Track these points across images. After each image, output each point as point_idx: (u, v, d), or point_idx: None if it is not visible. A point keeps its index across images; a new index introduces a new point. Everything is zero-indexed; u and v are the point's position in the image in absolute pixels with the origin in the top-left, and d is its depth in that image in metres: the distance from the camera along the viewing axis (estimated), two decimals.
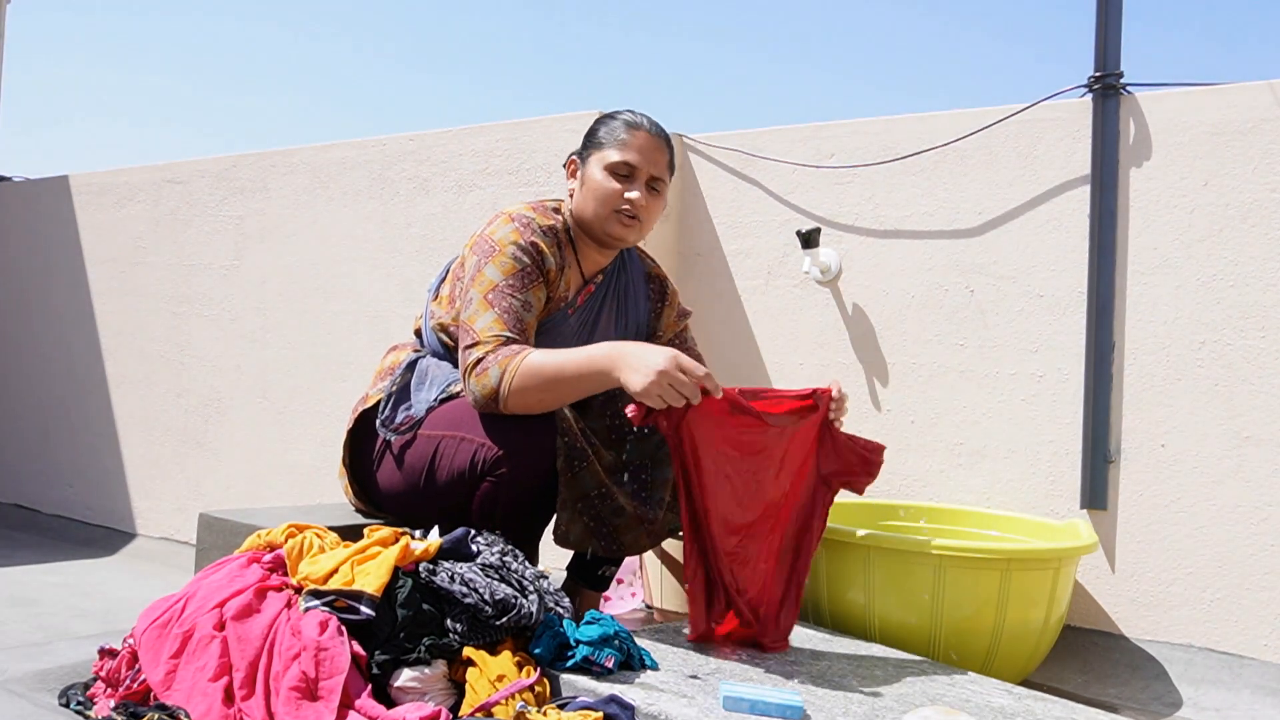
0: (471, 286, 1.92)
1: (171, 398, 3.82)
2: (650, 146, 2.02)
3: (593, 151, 2.03)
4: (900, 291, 2.72)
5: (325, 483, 3.34)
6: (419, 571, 1.65)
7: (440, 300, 2.09)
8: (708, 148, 3.04)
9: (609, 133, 2.02)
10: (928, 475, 2.66)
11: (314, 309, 3.43)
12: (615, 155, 2.00)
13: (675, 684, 1.58)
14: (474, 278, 1.93)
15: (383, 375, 2.11)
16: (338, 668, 1.52)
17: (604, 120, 2.06)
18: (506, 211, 2.02)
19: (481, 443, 1.85)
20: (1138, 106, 2.46)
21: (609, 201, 1.99)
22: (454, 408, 1.94)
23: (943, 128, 2.66)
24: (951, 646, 2.03)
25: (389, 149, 3.28)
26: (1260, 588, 2.27)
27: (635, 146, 2.00)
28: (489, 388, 1.82)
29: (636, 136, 2.01)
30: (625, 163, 1.99)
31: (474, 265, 1.95)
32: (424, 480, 1.92)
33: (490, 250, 1.94)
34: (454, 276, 2.08)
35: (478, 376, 1.83)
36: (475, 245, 1.99)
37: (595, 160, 2.02)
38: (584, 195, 2.03)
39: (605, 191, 1.99)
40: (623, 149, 2.00)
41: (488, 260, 1.93)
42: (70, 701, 1.73)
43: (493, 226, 1.99)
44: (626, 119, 2.03)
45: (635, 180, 2.00)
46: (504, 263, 1.92)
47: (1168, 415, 2.39)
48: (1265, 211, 2.31)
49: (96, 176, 4.14)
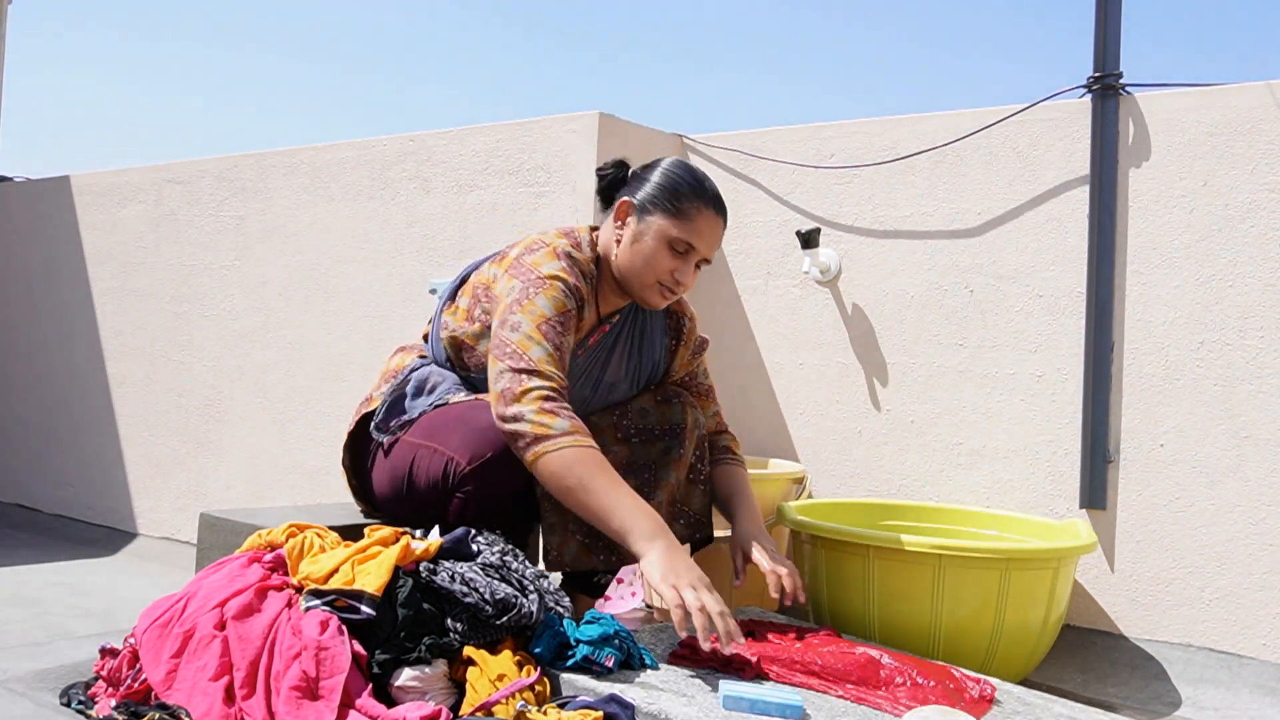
0: (518, 311, 1.82)
1: (172, 398, 3.82)
2: (713, 229, 1.92)
3: (655, 213, 1.90)
4: (900, 291, 2.72)
5: (326, 482, 3.35)
6: (419, 571, 1.66)
7: (455, 311, 2.01)
8: (708, 148, 3.04)
9: (674, 199, 1.89)
10: (927, 475, 2.66)
11: (315, 309, 3.43)
12: (678, 232, 1.88)
13: (675, 683, 1.58)
14: (520, 304, 1.82)
15: (387, 377, 2.09)
16: (338, 667, 1.53)
17: (672, 176, 1.92)
18: (549, 243, 1.92)
19: (451, 456, 1.82)
20: (1137, 107, 2.46)
21: (657, 273, 1.91)
22: (435, 416, 1.91)
23: (942, 128, 2.67)
24: (951, 646, 2.03)
25: (389, 149, 3.28)
26: (1259, 587, 2.28)
27: (700, 228, 1.90)
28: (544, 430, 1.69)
29: (703, 215, 1.90)
30: (687, 242, 1.89)
31: (518, 291, 1.84)
32: (406, 487, 1.92)
33: (539, 282, 1.84)
34: (474, 290, 1.99)
35: (541, 413, 1.71)
36: (514, 268, 1.89)
37: (656, 225, 1.89)
38: (631, 252, 1.92)
39: (657, 263, 1.90)
40: (688, 227, 1.89)
41: (538, 291, 1.83)
42: (71, 701, 1.73)
43: (536, 256, 1.89)
44: (696, 187, 1.91)
45: (689, 259, 1.92)
46: (555, 299, 1.83)
47: (1167, 415, 2.39)
48: (1264, 211, 2.31)
49: (98, 177, 4.15)
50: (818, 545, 2.18)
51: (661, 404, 2.03)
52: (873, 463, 2.74)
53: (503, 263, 1.95)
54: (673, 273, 1.91)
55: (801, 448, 2.85)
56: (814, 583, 2.21)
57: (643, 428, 2.01)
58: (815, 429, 2.83)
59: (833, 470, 2.79)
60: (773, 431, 2.89)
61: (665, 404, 2.03)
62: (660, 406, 2.03)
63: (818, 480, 2.80)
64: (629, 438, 2.00)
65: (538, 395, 1.72)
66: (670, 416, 2.01)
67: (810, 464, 2.81)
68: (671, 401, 2.03)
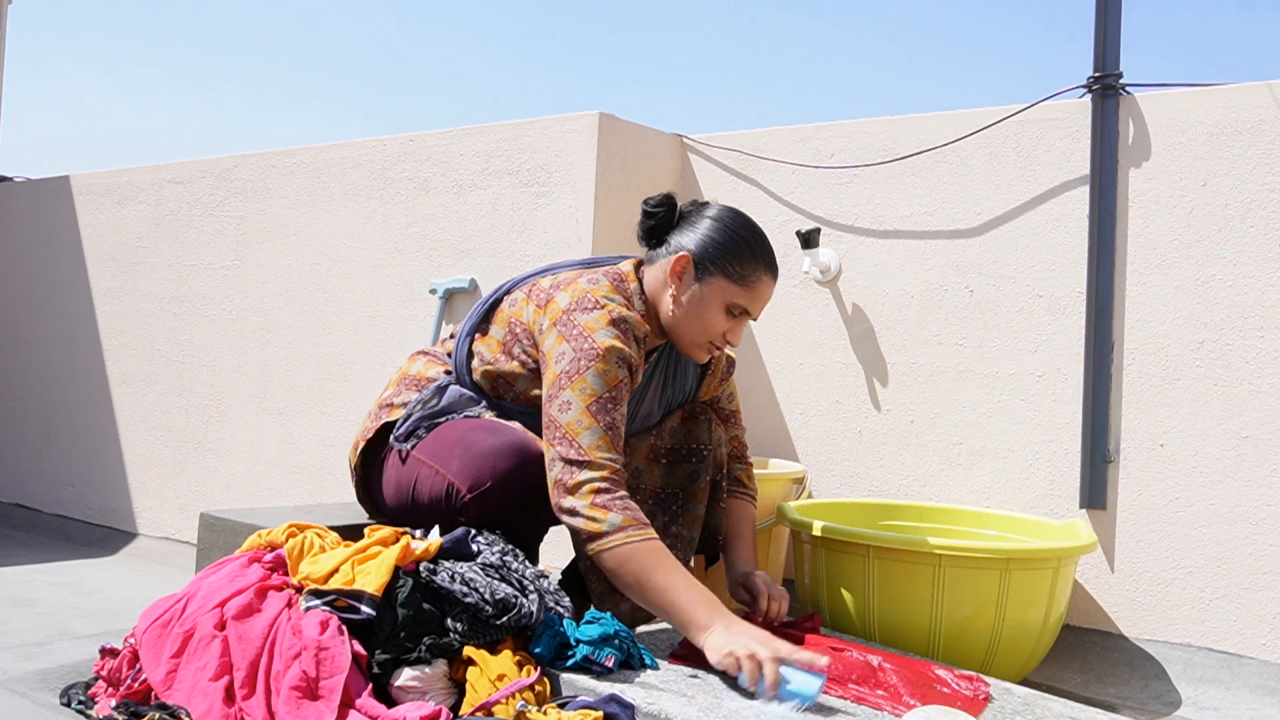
0: (569, 388, 1.78)
1: (173, 398, 3.82)
2: (768, 293, 1.93)
3: (715, 274, 1.87)
4: (900, 291, 2.72)
5: (326, 482, 3.35)
6: (419, 571, 1.66)
7: (489, 341, 1.97)
8: (708, 148, 3.04)
9: (737, 262, 1.87)
10: (927, 475, 2.67)
11: (315, 309, 3.43)
12: (740, 298, 1.88)
13: (675, 683, 1.58)
14: (571, 378, 1.78)
15: (409, 383, 2.04)
16: (338, 667, 1.53)
17: (733, 234, 1.89)
18: (603, 303, 1.84)
19: (452, 482, 1.82)
20: (1137, 107, 2.46)
21: (709, 333, 1.91)
22: (441, 433, 1.90)
23: (942, 128, 2.67)
24: (951, 646, 2.03)
25: (389, 149, 3.28)
26: (1259, 587, 2.28)
27: (760, 292, 1.91)
28: (596, 527, 1.69)
29: (763, 281, 1.90)
30: (744, 306, 1.89)
31: (568, 361, 1.80)
32: (410, 499, 1.92)
33: (592, 353, 1.79)
34: (510, 325, 1.95)
35: (593, 508, 1.70)
36: (565, 327, 1.84)
37: (715, 287, 1.87)
38: (685, 309, 1.90)
39: (712, 325, 1.90)
40: (749, 293, 1.89)
41: (589, 365, 1.78)
42: (71, 701, 1.73)
43: (590, 319, 1.82)
44: (756, 249, 1.90)
45: (739, 322, 1.92)
46: (608, 372, 1.79)
47: (1167, 415, 2.39)
48: (1264, 211, 2.31)
49: (98, 177, 4.15)
50: (818, 545, 2.18)
51: (688, 420, 2.07)
52: (873, 463, 2.74)
53: (548, 310, 1.89)
54: (725, 334, 1.92)
55: (801, 448, 2.85)
56: (814, 583, 2.21)
57: (671, 448, 2.05)
58: (815, 429, 2.83)
59: (833, 470, 2.79)
60: (773, 431, 2.89)
61: (691, 420, 2.07)
62: (686, 424, 2.07)
63: (818, 480, 2.80)
64: (659, 458, 2.04)
65: (589, 489, 1.72)
66: (696, 434, 2.05)
67: (810, 464, 2.81)
68: (698, 418, 2.07)
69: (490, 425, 1.89)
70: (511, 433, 1.85)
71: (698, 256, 1.88)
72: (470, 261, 3.06)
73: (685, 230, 1.92)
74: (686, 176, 3.07)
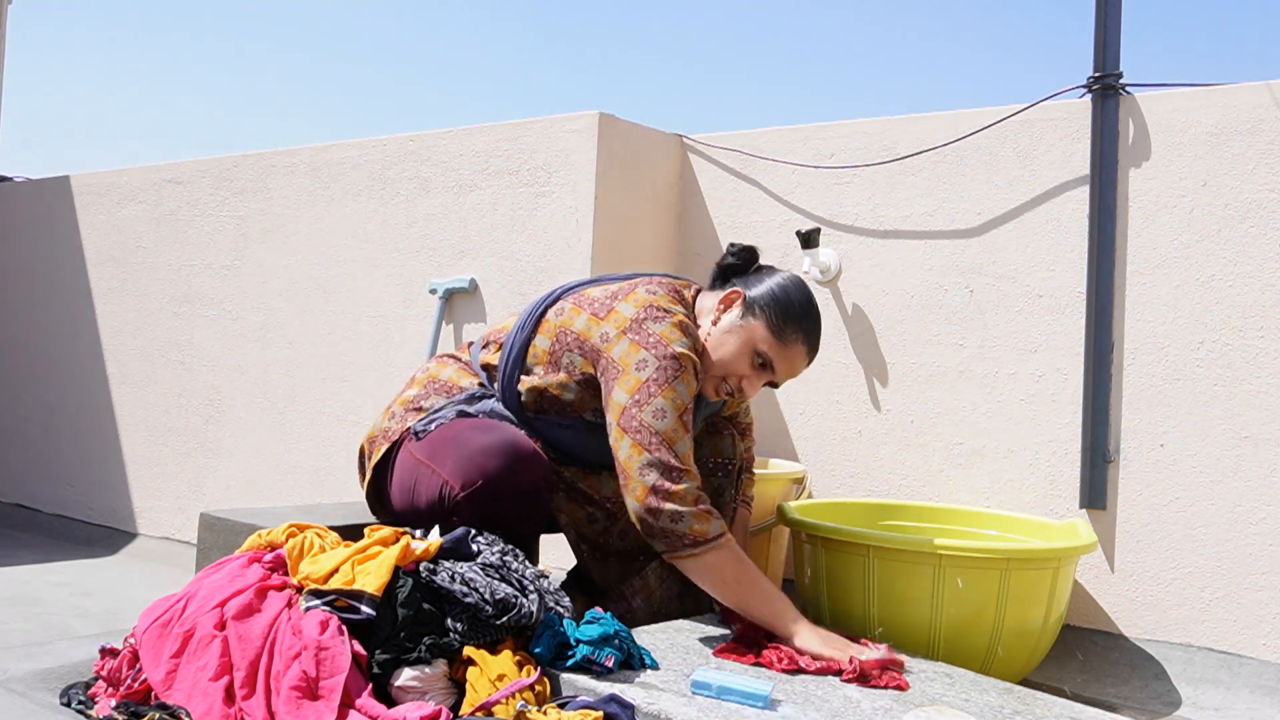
0: (660, 395, 1.82)
1: (172, 398, 3.82)
2: (798, 362, 1.97)
3: (758, 317, 1.93)
4: (900, 291, 2.72)
5: (326, 482, 3.35)
6: (419, 571, 1.66)
7: (535, 354, 1.98)
8: (708, 148, 3.04)
9: (782, 315, 1.93)
10: (927, 475, 2.66)
11: (315, 309, 3.43)
12: (770, 349, 1.92)
13: (675, 683, 1.58)
14: (662, 386, 1.83)
15: (439, 388, 2.03)
16: (338, 667, 1.53)
17: (789, 293, 1.95)
18: (671, 313, 1.91)
19: (445, 480, 1.83)
20: (1137, 107, 2.46)
21: (728, 372, 1.94)
22: (439, 434, 1.90)
23: (942, 128, 2.67)
24: (951, 646, 2.03)
25: (389, 149, 3.28)
26: (1259, 587, 2.28)
27: (789, 353, 1.94)
28: (703, 534, 1.78)
29: (798, 346, 1.94)
30: (770, 359, 1.93)
31: (653, 369, 1.84)
32: (412, 502, 1.92)
33: (673, 363, 1.84)
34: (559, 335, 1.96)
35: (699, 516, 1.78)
36: (637, 334, 1.87)
37: (751, 328, 1.93)
38: (718, 340, 1.94)
39: (734, 364, 1.93)
40: (780, 348, 1.93)
41: (678, 375, 1.84)
42: (71, 701, 1.73)
43: (662, 328, 1.88)
44: (805, 316, 1.95)
45: (763, 375, 1.95)
46: (690, 384, 1.86)
47: (1167, 415, 2.39)
48: (1264, 212, 2.31)
49: (97, 177, 4.15)
50: (818, 545, 2.18)
51: (712, 435, 2.13)
52: (873, 463, 2.74)
53: (610, 319, 1.91)
54: (741, 380, 1.95)
55: (801, 448, 2.85)
56: (814, 583, 2.21)
57: (699, 461, 2.07)
58: (815, 429, 2.83)
59: (833, 470, 2.79)
60: (773, 431, 2.89)
61: (715, 435, 2.13)
62: (710, 438, 2.12)
63: (818, 480, 2.80)
64: None
65: (694, 497, 1.80)
66: (721, 449, 2.12)
67: (810, 464, 2.81)
68: (722, 434, 2.13)
69: (484, 424, 1.89)
70: (504, 430, 1.86)
71: (750, 297, 1.95)
72: (470, 261, 3.06)
73: (752, 278, 2.00)
74: (686, 176, 3.07)
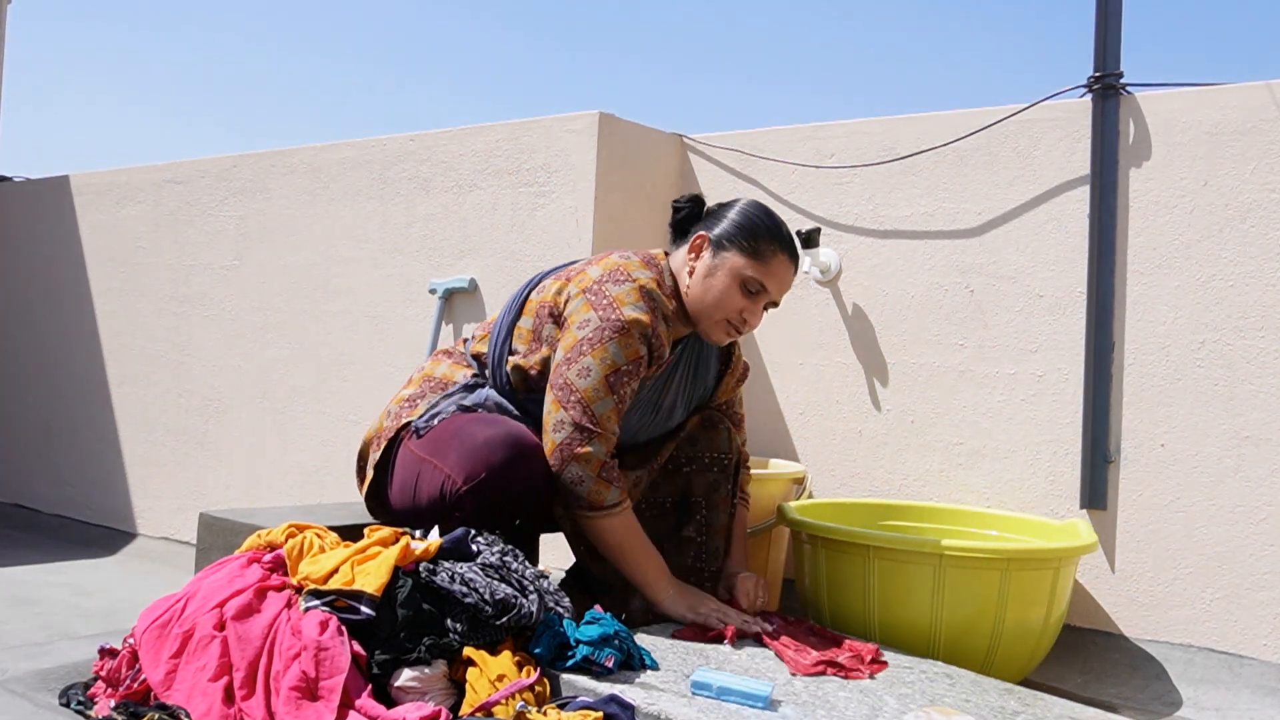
0: (590, 354, 1.82)
1: (172, 398, 3.82)
2: (786, 273, 1.94)
3: (730, 249, 1.91)
4: (900, 292, 2.72)
5: (326, 482, 3.35)
6: (419, 571, 1.66)
7: (520, 334, 1.98)
8: (708, 148, 3.04)
9: (751, 238, 1.91)
10: (927, 475, 2.66)
11: (314, 309, 3.43)
12: (752, 271, 1.90)
13: (675, 684, 1.58)
14: (594, 345, 1.83)
15: (434, 385, 2.03)
16: (338, 667, 1.53)
17: (750, 216, 1.94)
18: (635, 278, 1.89)
19: (448, 474, 1.82)
20: (1137, 107, 2.46)
21: (725, 311, 1.92)
22: (440, 429, 1.90)
23: (942, 128, 2.67)
24: (951, 646, 2.03)
25: (389, 149, 3.28)
26: (1260, 587, 2.28)
27: (774, 269, 1.92)
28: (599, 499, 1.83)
29: (778, 258, 1.92)
30: (759, 282, 1.91)
31: (592, 329, 1.84)
32: (413, 500, 1.91)
33: (617, 324, 1.83)
34: (536, 311, 1.97)
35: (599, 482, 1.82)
36: (594, 296, 1.87)
37: (730, 263, 1.90)
38: (703, 287, 1.92)
39: (727, 301, 1.91)
40: (762, 268, 1.90)
41: (613, 336, 1.83)
42: (71, 701, 1.73)
43: (621, 290, 1.87)
44: (773, 230, 1.93)
45: (759, 300, 1.93)
46: (629, 345, 1.84)
47: (1167, 415, 2.39)
48: (1264, 212, 2.31)
49: (97, 176, 4.15)
50: (818, 545, 2.18)
51: (708, 429, 2.10)
52: (873, 463, 2.74)
53: (577, 280, 1.92)
54: (741, 312, 1.93)
55: (801, 448, 2.85)
56: (814, 583, 2.21)
57: (693, 456, 2.08)
58: (815, 429, 2.83)
59: (833, 470, 2.79)
60: (773, 431, 2.89)
61: (712, 429, 2.10)
62: (707, 432, 2.09)
63: (818, 480, 2.80)
64: (681, 467, 2.08)
65: (598, 462, 1.82)
66: (718, 443, 2.09)
67: (810, 464, 2.81)
68: (718, 426, 2.10)
69: (486, 418, 1.89)
70: (507, 424, 1.85)
71: (715, 235, 1.94)
72: (470, 261, 3.06)
73: (707, 221, 1.98)
74: (686, 176, 3.07)
